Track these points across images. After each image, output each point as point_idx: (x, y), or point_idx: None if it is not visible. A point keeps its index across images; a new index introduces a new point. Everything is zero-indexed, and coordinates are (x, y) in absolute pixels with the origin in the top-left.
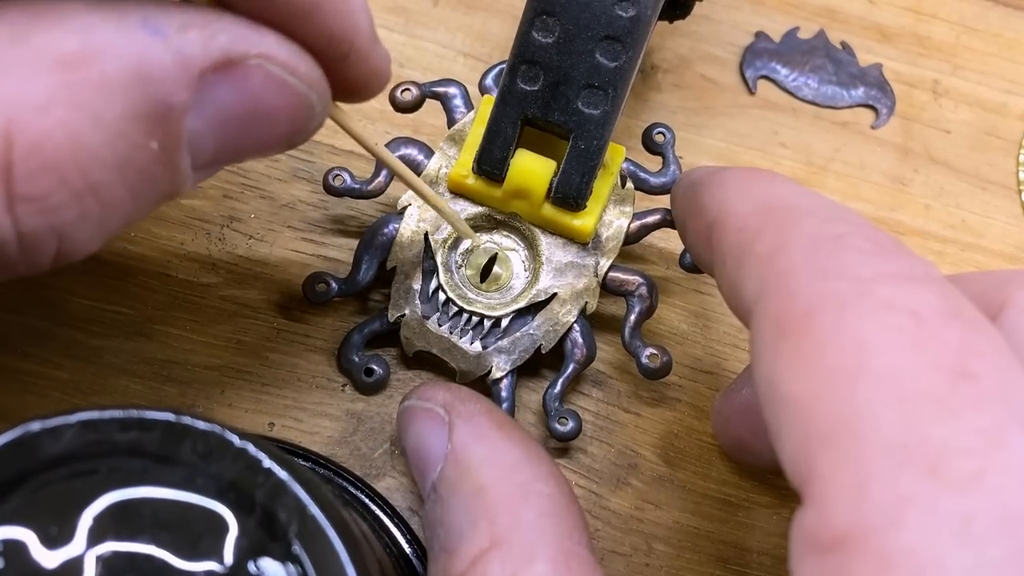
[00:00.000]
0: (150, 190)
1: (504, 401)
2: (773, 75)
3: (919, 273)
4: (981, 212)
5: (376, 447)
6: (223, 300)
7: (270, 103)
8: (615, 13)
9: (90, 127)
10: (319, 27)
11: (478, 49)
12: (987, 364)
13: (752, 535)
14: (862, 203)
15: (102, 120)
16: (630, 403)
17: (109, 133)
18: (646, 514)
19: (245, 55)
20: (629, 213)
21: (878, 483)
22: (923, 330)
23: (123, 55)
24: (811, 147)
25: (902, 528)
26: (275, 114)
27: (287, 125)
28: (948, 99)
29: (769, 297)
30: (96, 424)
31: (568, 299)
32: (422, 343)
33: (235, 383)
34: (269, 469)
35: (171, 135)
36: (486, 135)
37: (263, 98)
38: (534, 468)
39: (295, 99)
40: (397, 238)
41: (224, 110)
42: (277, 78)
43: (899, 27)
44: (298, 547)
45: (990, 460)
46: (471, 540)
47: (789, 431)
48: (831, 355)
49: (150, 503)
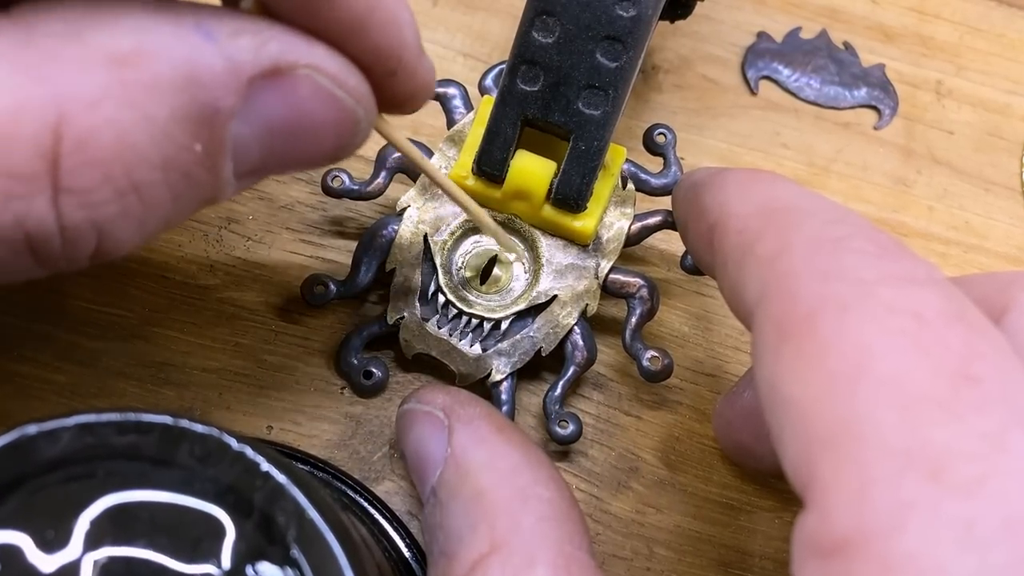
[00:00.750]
0: (191, 193)
1: (504, 404)
2: (775, 75)
3: (921, 275)
4: (984, 214)
5: (375, 450)
6: (221, 302)
7: (317, 115)
8: (616, 13)
9: (138, 126)
10: (369, 42)
11: (478, 49)
12: (990, 367)
13: (754, 539)
14: (864, 204)
15: (150, 119)
16: (631, 406)
17: (156, 133)
18: (647, 518)
19: (295, 64)
20: (630, 215)
21: (880, 487)
22: (925, 333)
23: (175, 57)
24: (813, 148)
25: (904, 533)
26: (321, 126)
27: (333, 138)
28: (951, 100)
29: (770, 300)
30: (93, 427)
31: (568, 301)
32: (421, 345)
33: (233, 386)
34: (267, 472)
35: (216, 139)
36: (486, 136)
37: (310, 109)
38: (534, 472)
39: (342, 113)
40: (396, 239)
41: (271, 118)
42: (325, 90)
43: (902, 27)
44: (296, 551)
45: (993, 464)
46: (471, 544)
47: (791, 435)
48: (833, 358)
49: (147, 507)
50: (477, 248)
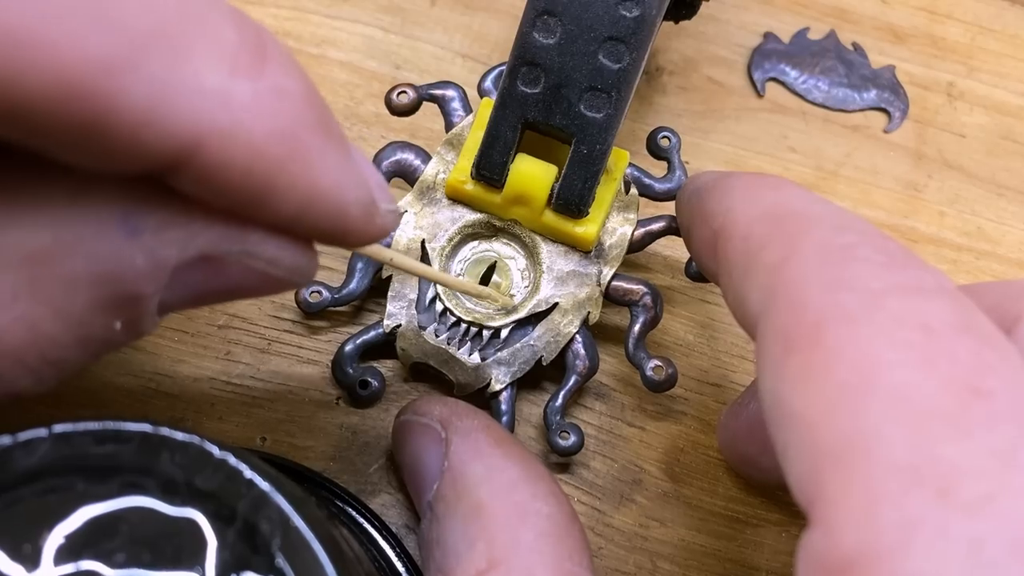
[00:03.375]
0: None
1: (503, 415)
2: (782, 77)
3: (930, 285)
4: (997, 219)
5: (371, 462)
6: (213, 310)
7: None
8: (619, 13)
9: (51, 319)
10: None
11: (477, 50)
12: (1001, 381)
13: (760, 553)
14: (874, 210)
15: (64, 313)
16: (634, 417)
17: (71, 322)
18: (651, 531)
19: (226, 253)
20: (633, 220)
21: (887, 505)
22: (934, 345)
23: (93, 254)
24: (821, 152)
25: (911, 552)
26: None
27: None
28: (963, 102)
29: (776, 309)
30: (70, 437)
31: (570, 309)
32: (419, 355)
33: (226, 396)
34: (251, 480)
35: (137, 314)
36: (485, 139)
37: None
38: (533, 486)
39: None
40: (392, 245)
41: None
42: (257, 271)
43: (913, 27)
44: (282, 560)
45: (1003, 482)
46: (468, 561)
47: (796, 449)
48: (839, 371)
49: (127, 518)
50: (476, 254)
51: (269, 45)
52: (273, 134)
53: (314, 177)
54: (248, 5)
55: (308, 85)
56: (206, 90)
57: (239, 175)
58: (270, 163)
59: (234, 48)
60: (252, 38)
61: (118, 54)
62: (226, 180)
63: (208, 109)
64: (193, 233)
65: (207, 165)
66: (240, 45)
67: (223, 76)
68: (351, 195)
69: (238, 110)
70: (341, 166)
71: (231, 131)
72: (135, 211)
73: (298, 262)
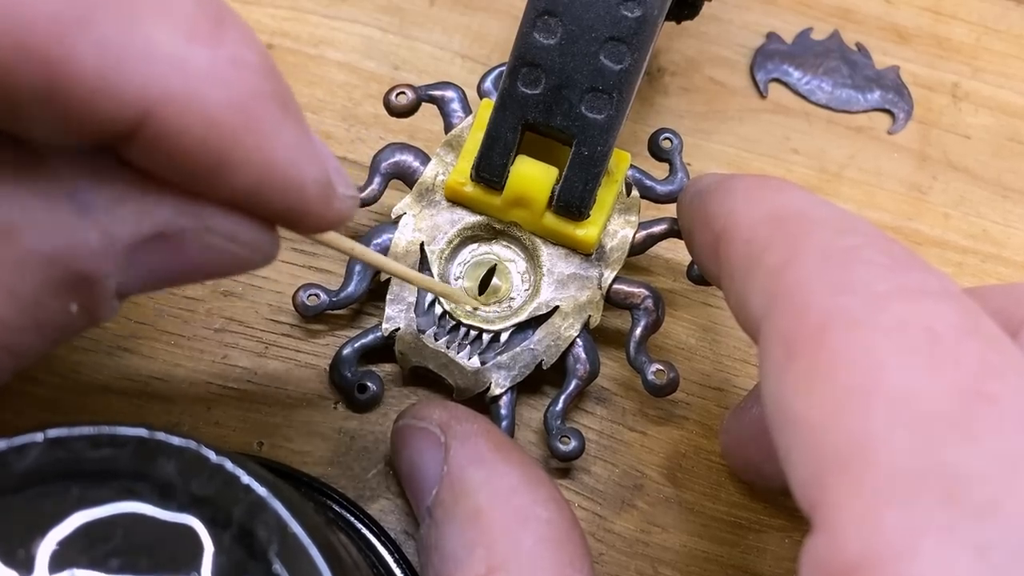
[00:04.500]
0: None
1: (503, 419)
2: (785, 78)
3: (935, 287)
4: (1003, 221)
5: (370, 467)
6: (210, 314)
7: (207, 266)
8: (620, 13)
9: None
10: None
11: (476, 51)
12: (1006, 385)
13: (763, 559)
14: (878, 212)
15: (16, 294)
16: (635, 421)
17: (24, 305)
18: (652, 537)
19: (182, 230)
20: (634, 222)
21: (891, 510)
22: (939, 349)
23: (44, 233)
24: (825, 153)
25: (915, 558)
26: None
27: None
28: (968, 103)
29: (778, 313)
30: (65, 441)
31: (570, 312)
32: (418, 358)
33: (222, 400)
34: (248, 485)
35: (93, 297)
36: (485, 141)
37: (199, 263)
38: (533, 492)
39: (235, 260)
40: (392, 248)
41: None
42: (215, 247)
43: (917, 28)
44: (279, 566)
45: (1008, 487)
46: (467, 567)
47: (799, 454)
48: (843, 375)
49: (122, 523)
50: (475, 257)
51: (228, 15)
52: (229, 104)
53: (270, 150)
54: (246, 5)
55: (267, 58)
56: (161, 55)
57: (193, 145)
58: (225, 134)
59: (191, 15)
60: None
61: (68, 12)
62: (180, 150)
63: (163, 74)
64: (147, 209)
65: (161, 134)
66: (198, 12)
67: (180, 42)
68: (308, 174)
69: (194, 77)
70: (298, 142)
71: (186, 98)
72: (86, 187)
73: (257, 238)
